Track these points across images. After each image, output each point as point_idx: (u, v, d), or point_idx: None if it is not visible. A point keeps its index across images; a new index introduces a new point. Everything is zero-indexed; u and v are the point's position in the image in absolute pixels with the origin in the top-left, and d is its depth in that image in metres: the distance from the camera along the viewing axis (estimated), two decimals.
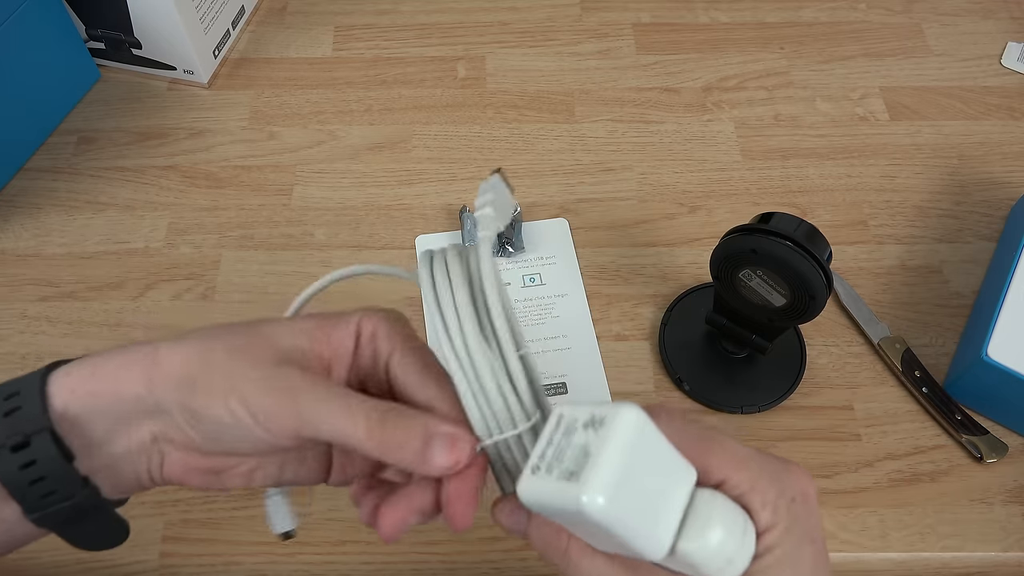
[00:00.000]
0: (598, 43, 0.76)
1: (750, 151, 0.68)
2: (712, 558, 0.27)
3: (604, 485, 0.25)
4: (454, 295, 0.29)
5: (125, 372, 0.30)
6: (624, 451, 0.26)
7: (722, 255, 0.49)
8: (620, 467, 0.25)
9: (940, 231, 0.64)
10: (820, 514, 0.29)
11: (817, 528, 0.29)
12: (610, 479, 0.25)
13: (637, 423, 0.26)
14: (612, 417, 0.26)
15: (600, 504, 0.25)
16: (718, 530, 0.27)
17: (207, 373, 0.30)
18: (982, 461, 0.53)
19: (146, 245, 0.62)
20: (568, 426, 0.27)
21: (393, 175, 0.67)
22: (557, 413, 0.28)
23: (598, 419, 0.27)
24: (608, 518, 0.25)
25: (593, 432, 0.26)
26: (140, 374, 0.30)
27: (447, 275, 0.30)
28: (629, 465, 0.26)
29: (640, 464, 0.26)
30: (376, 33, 0.76)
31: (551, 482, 0.26)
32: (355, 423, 0.29)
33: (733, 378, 0.56)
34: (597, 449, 0.26)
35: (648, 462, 0.26)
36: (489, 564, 0.50)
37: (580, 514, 0.25)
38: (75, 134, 0.69)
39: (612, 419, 0.26)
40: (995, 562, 0.50)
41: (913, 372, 0.55)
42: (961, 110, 0.71)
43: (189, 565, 0.49)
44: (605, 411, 0.27)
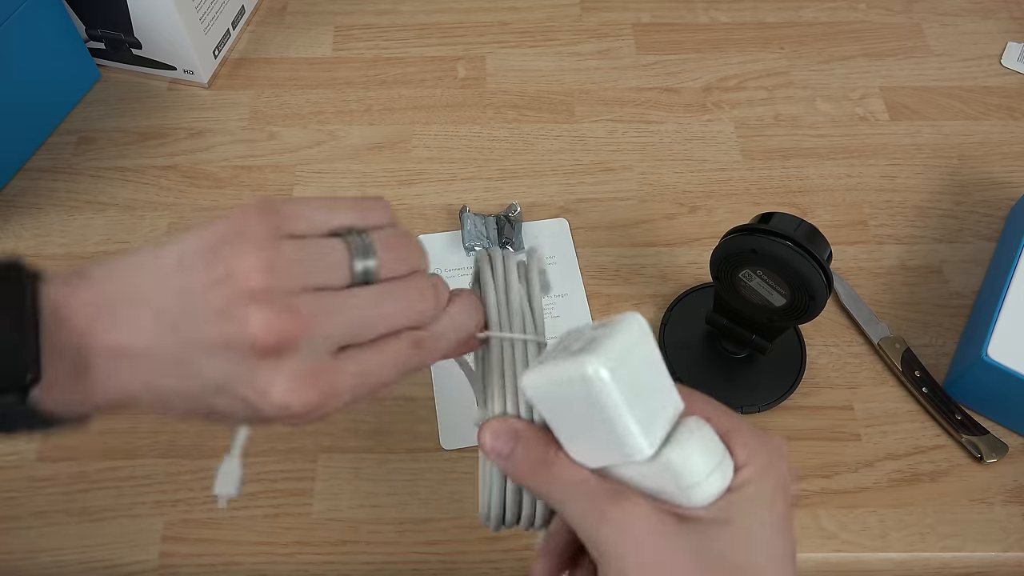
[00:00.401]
0: (598, 43, 0.76)
1: (750, 151, 0.68)
2: (690, 472, 0.27)
3: (609, 359, 0.26)
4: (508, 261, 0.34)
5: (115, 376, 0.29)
6: (629, 344, 0.27)
7: (722, 255, 0.49)
8: (624, 353, 0.27)
9: (940, 231, 0.64)
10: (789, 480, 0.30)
11: (788, 483, 0.30)
12: (616, 357, 0.26)
13: (642, 325, 0.28)
14: (620, 318, 0.28)
15: (604, 376, 0.26)
16: (701, 446, 0.28)
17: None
18: (982, 461, 0.53)
19: None
20: (576, 334, 0.29)
21: (393, 175, 0.67)
22: (566, 330, 0.31)
23: (607, 322, 0.28)
24: (609, 393, 0.26)
25: (602, 329, 0.28)
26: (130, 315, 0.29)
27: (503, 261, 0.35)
28: (631, 357, 0.27)
29: (640, 363, 0.28)
30: (376, 33, 0.76)
31: (558, 363, 0.27)
32: None
33: (733, 378, 0.56)
34: (605, 336, 0.27)
35: (646, 367, 0.28)
36: (489, 564, 0.50)
37: (584, 385, 0.26)
38: (75, 134, 0.69)
39: (620, 319, 0.28)
40: (995, 562, 0.50)
41: (913, 372, 0.55)
42: (961, 110, 0.71)
43: (189, 565, 0.49)
44: (614, 318, 0.29)
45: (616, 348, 0.27)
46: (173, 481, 0.51)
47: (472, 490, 0.51)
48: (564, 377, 0.27)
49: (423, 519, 0.51)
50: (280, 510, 0.51)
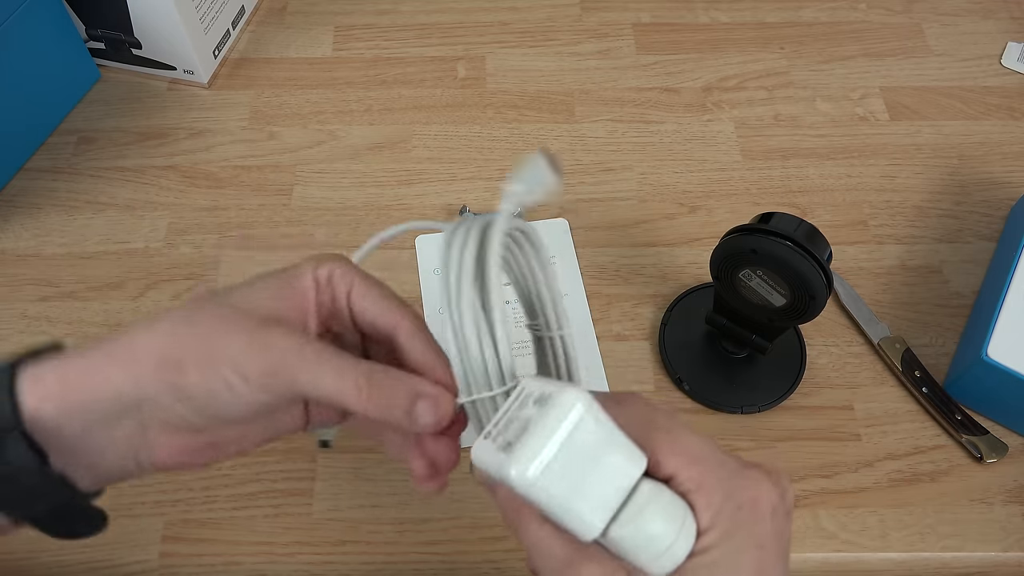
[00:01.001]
0: (598, 43, 0.76)
1: (750, 151, 0.68)
2: (644, 547, 0.27)
3: (532, 461, 0.26)
4: (462, 259, 0.31)
5: (102, 372, 0.30)
6: (561, 431, 0.26)
7: (722, 255, 0.49)
8: (554, 446, 0.26)
9: (940, 231, 0.64)
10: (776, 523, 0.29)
11: (767, 536, 0.28)
12: (540, 455, 0.26)
13: (578, 407, 0.27)
14: (556, 397, 0.27)
15: (526, 478, 0.26)
16: (654, 521, 0.27)
17: (192, 349, 0.30)
18: (982, 461, 0.53)
19: (146, 245, 0.62)
20: (523, 399, 0.28)
21: (393, 175, 0.67)
22: (521, 384, 0.29)
23: (545, 396, 0.27)
24: (534, 493, 0.26)
25: (537, 409, 0.27)
26: (119, 370, 0.30)
27: (464, 243, 0.31)
28: (565, 445, 0.26)
29: (579, 445, 0.26)
30: (376, 33, 0.76)
31: (491, 451, 0.27)
32: (346, 385, 0.30)
33: (733, 378, 0.56)
34: (535, 426, 0.26)
35: (589, 445, 0.27)
36: (489, 564, 0.50)
37: (509, 485, 0.26)
38: (75, 134, 0.69)
39: (556, 399, 0.27)
40: (995, 562, 0.50)
41: (913, 372, 0.55)
42: (961, 110, 0.71)
43: (189, 565, 0.49)
44: (554, 389, 0.27)
45: (545, 441, 0.26)
46: (173, 481, 0.51)
47: (473, 490, 0.51)
48: (495, 472, 0.27)
49: (423, 519, 0.51)
50: (280, 510, 0.51)
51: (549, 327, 0.34)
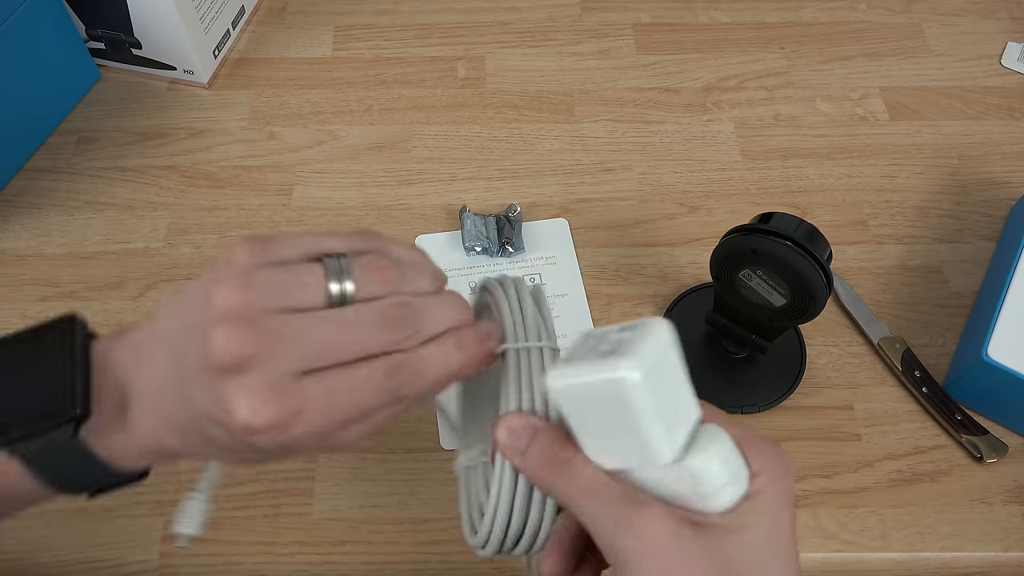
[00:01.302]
0: (598, 43, 0.76)
1: (750, 151, 0.68)
2: (710, 479, 0.27)
3: (643, 364, 0.26)
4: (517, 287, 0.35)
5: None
6: (657, 349, 0.27)
7: (722, 255, 0.49)
8: (654, 358, 0.26)
9: (940, 231, 0.64)
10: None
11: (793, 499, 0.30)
12: (647, 362, 0.26)
13: (670, 332, 0.28)
14: (648, 322, 0.28)
15: (636, 379, 0.26)
16: (720, 453, 0.28)
17: None
18: (982, 461, 0.53)
19: (146, 245, 0.62)
20: (601, 335, 0.29)
21: (393, 175, 0.67)
22: (586, 333, 0.30)
23: (632, 327, 0.28)
24: (639, 397, 0.26)
25: (629, 333, 0.27)
26: None
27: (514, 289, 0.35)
28: (660, 363, 0.27)
29: (666, 370, 0.27)
30: (376, 33, 0.76)
31: (587, 363, 0.27)
32: None
33: (733, 378, 0.56)
34: (634, 339, 0.27)
35: (672, 373, 0.28)
36: (489, 564, 0.50)
37: (615, 387, 0.26)
38: (75, 134, 0.69)
39: (648, 323, 0.28)
40: (995, 562, 0.50)
41: (913, 372, 0.55)
42: (961, 110, 0.71)
43: (189, 565, 0.49)
44: (637, 323, 0.28)
45: (647, 353, 0.26)
46: (173, 481, 0.51)
47: None
48: (594, 378, 0.27)
49: (423, 519, 0.51)
50: (280, 510, 0.51)
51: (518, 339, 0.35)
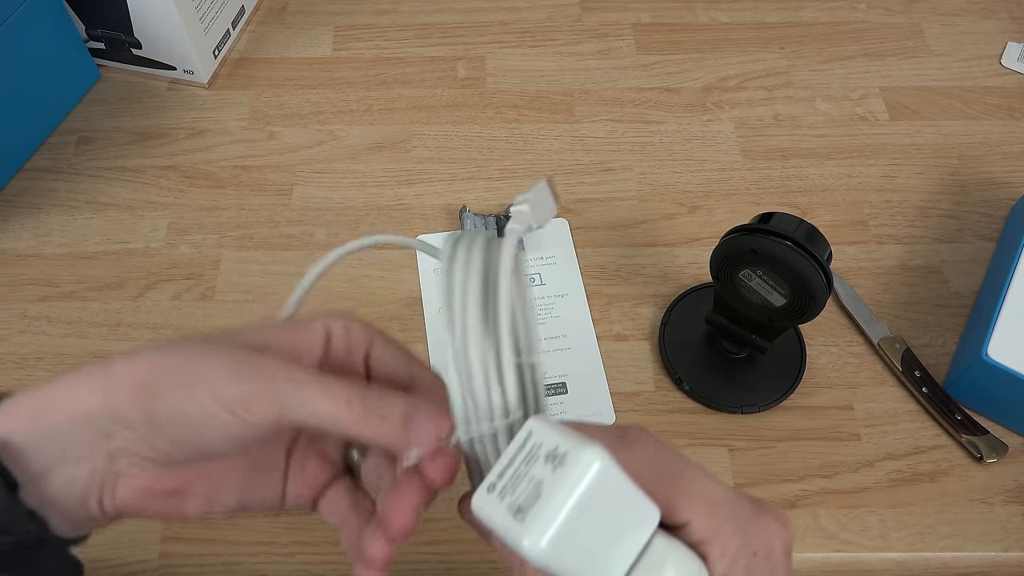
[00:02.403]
0: (598, 43, 0.76)
1: (750, 151, 0.68)
2: None
3: (547, 531, 0.25)
4: (468, 280, 0.29)
5: (76, 390, 0.29)
6: (576, 497, 0.25)
7: (722, 255, 0.49)
8: (570, 514, 0.25)
9: (940, 231, 0.64)
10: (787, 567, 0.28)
11: None
12: (555, 526, 0.25)
13: (598, 467, 0.25)
14: (573, 459, 0.25)
15: (540, 550, 0.25)
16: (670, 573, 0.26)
17: (170, 374, 0.29)
18: (982, 461, 0.53)
19: (146, 245, 0.62)
20: (531, 451, 0.27)
21: (393, 175, 0.67)
22: (527, 428, 0.27)
23: (560, 455, 0.26)
24: (549, 563, 0.25)
25: (551, 469, 0.25)
26: (94, 388, 0.29)
27: (468, 260, 0.30)
28: (581, 511, 0.25)
29: (594, 510, 0.25)
30: (376, 33, 0.76)
31: (501, 510, 0.26)
32: (336, 402, 0.28)
33: (733, 378, 0.56)
34: (549, 491, 0.25)
35: (603, 506, 0.26)
36: (489, 564, 0.50)
37: (521, 555, 0.25)
38: (75, 134, 0.69)
39: (572, 460, 0.25)
40: (995, 562, 0.50)
41: (913, 372, 0.55)
42: (961, 110, 0.71)
43: (189, 565, 0.49)
44: (569, 446, 0.26)
45: (561, 509, 0.25)
46: None
47: None
48: (504, 535, 0.26)
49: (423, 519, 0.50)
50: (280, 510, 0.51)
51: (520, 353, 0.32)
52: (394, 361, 0.33)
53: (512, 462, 0.27)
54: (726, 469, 0.53)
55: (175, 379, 0.29)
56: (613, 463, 0.26)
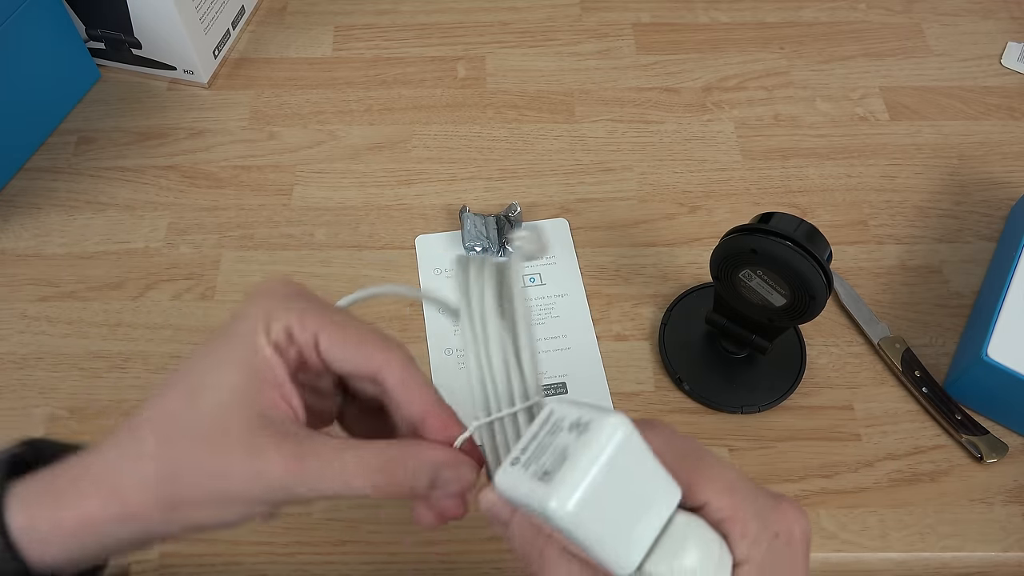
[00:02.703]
0: (598, 43, 0.76)
1: (750, 151, 0.68)
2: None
3: (574, 492, 0.25)
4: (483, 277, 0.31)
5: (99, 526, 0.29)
6: (603, 461, 0.25)
7: (722, 255, 0.49)
8: (595, 476, 0.25)
9: (940, 231, 0.64)
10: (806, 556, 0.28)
11: (800, 571, 0.28)
12: (582, 487, 0.25)
13: (622, 434, 0.26)
14: (597, 424, 0.26)
15: (568, 511, 0.25)
16: (691, 555, 0.26)
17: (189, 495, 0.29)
18: (982, 461, 0.53)
19: (146, 245, 0.62)
20: (555, 424, 0.27)
21: (393, 175, 0.67)
22: (548, 408, 0.28)
23: (583, 423, 0.26)
24: (575, 527, 0.25)
25: (576, 435, 0.26)
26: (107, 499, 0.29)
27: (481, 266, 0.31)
28: (606, 476, 0.25)
29: (618, 476, 0.25)
30: (376, 33, 0.76)
31: (525, 479, 0.26)
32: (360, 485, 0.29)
33: (733, 378, 0.56)
34: (575, 454, 0.25)
35: (627, 475, 0.26)
36: (489, 564, 0.50)
37: (548, 518, 0.25)
38: (75, 134, 0.69)
39: (597, 426, 0.26)
40: (995, 562, 0.50)
41: (913, 372, 0.55)
42: (961, 110, 0.71)
43: (189, 565, 0.49)
44: (592, 415, 0.26)
45: (587, 471, 0.25)
46: None
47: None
48: (530, 502, 0.26)
49: None
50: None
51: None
52: (349, 354, 0.31)
53: (536, 436, 0.27)
54: None
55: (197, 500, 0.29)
56: (636, 432, 0.26)
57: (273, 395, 0.30)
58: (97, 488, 0.29)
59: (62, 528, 0.29)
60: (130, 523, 0.29)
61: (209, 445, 0.29)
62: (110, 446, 0.30)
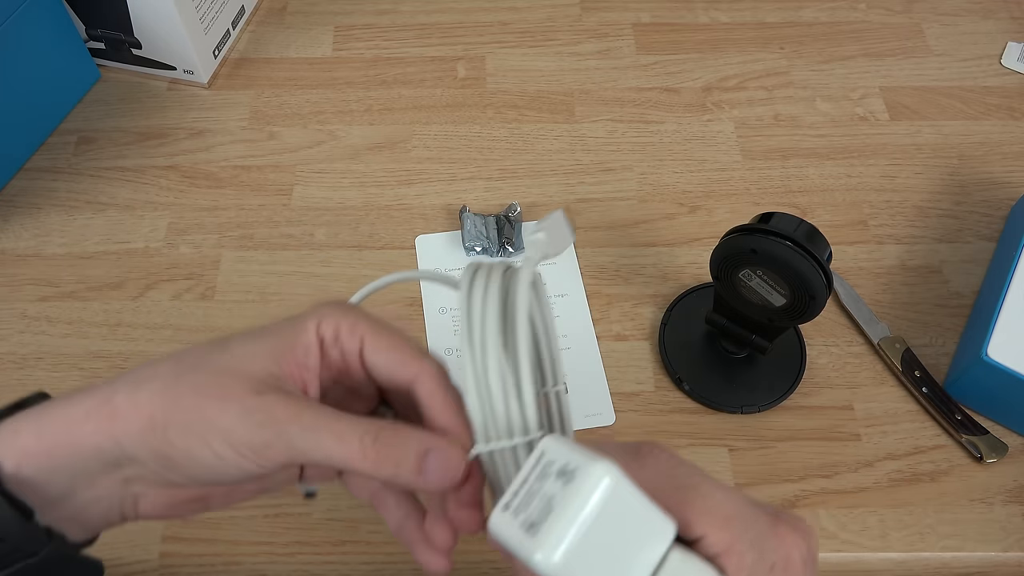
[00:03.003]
0: (598, 43, 0.76)
1: (750, 151, 0.68)
2: None
3: (559, 546, 0.25)
4: (486, 305, 0.30)
5: (80, 428, 0.29)
6: (588, 513, 0.25)
7: (722, 255, 0.49)
8: (581, 528, 0.25)
9: (940, 231, 0.64)
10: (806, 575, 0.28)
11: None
12: (567, 540, 0.25)
13: (607, 483, 0.25)
14: (583, 474, 0.25)
15: (553, 564, 0.25)
16: None
17: (179, 417, 0.29)
18: (982, 461, 0.53)
19: (146, 245, 0.62)
20: (544, 468, 0.27)
21: (393, 175, 0.67)
22: (539, 448, 0.28)
23: (570, 471, 0.26)
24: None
25: (562, 485, 0.26)
26: (99, 428, 0.29)
27: (485, 287, 0.30)
28: (592, 526, 0.25)
29: (606, 524, 0.25)
30: (376, 33, 0.76)
31: (515, 528, 0.26)
32: (349, 447, 0.29)
33: (733, 378, 0.56)
34: (561, 506, 0.25)
35: (616, 521, 0.26)
36: (489, 564, 0.50)
37: (535, 570, 0.25)
38: (75, 134, 0.69)
39: (582, 475, 0.25)
40: (995, 562, 0.50)
41: (913, 372, 0.55)
42: (961, 110, 0.71)
43: (189, 565, 0.49)
44: (579, 462, 0.26)
45: (571, 524, 0.25)
46: None
47: None
48: (518, 552, 0.26)
49: None
50: (280, 510, 0.51)
51: (545, 381, 0.33)
52: (388, 360, 0.32)
53: (526, 481, 0.27)
54: (726, 469, 0.53)
55: (185, 423, 0.29)
56: (624, 477, 0.26)
57: (296, 371, 0.31)
58: (90, 396, 0.29)
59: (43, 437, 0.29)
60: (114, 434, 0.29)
61: (217, 377, 0.29)
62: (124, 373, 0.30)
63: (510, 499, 0.27)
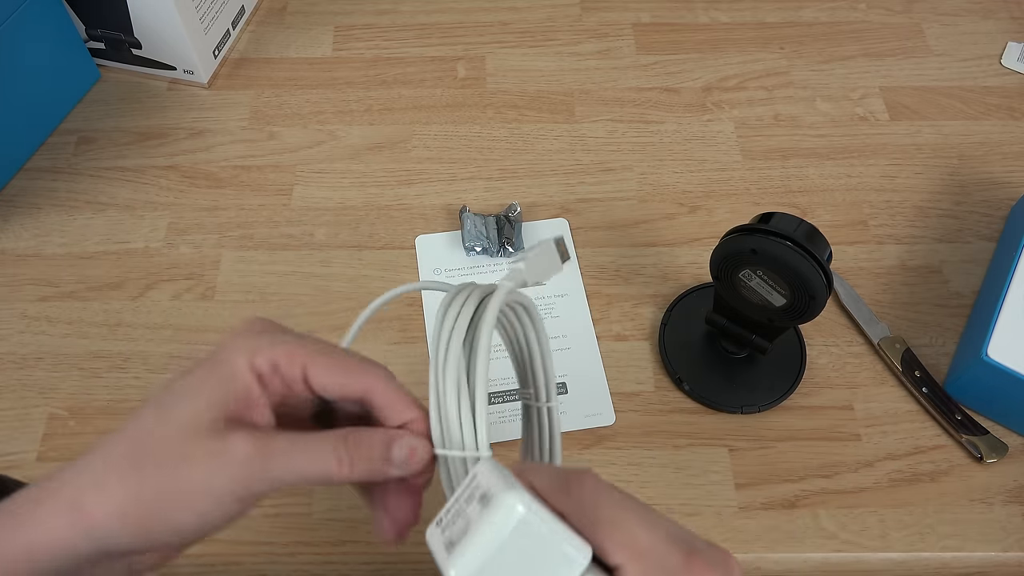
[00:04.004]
0: (598, 43, 0.76)
1: (750, 151, 0.68)
2: None
3: (469, 567, 0.26)
4: (456, 324, 0.31)
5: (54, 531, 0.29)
6: (498, 538, 0.27)
7: (722, 255, 0.49)
8: (490, 553, 0.27)
9: (940, 231, 0.64)
10: None
11: None
12: (476, 563, 0.26)
13: (516, 512, 0.27)
14: (497, 503, 0.27)
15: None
16: None
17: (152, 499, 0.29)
18: (982, 461, 0.53)
19: (146, 245, 0.62)
20: (472, 491, 0.29)
21: (393, 175, 0.67)
22: (474, 471, 0.30)
23: (488, 497, 0.27)
24: None
25: (479, 509, 0.27)
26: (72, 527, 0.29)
27: (458, 314, 0.32)
28: (500, 551, 0.27)
29: (515, 550, 0.27)
30: (376, 33, 0.76)
31: (440, 544, 0.28)
32: (326, 463, 0.30)
33: (733, 378, 0.56)
34: (474, 530, 0.27)
35: (526, 548, 0.27)
36: None
37: None
38: (75, 134, 0.69)
39: (496, 505, 0.27)
40: (995, 562, 0.50)
41: (913, 372, 0.55)
42: (961, 110, 0.71)
43: (189, 565, 0.49)
44: (497, 489, 0.27)
45: (480, 548, 0.27)
46: None
47: None
48: (441, 568, 0.27)
49: (423, 519, 0.51)
50: (280, 510, 0.51)
51: (538, 398, 0.35)
52: (337, 380, 0.32)
53: (458, 500, 0.29)
54: (726, 469, 0.53)
55: (160, 501, 0.29)
56: (536, 507, 0.27)
57: (245, 411, 0.31)
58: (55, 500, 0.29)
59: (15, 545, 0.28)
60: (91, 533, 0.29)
61: (176, 443, 0.29)
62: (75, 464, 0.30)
63: (443, 515, 0.29)
